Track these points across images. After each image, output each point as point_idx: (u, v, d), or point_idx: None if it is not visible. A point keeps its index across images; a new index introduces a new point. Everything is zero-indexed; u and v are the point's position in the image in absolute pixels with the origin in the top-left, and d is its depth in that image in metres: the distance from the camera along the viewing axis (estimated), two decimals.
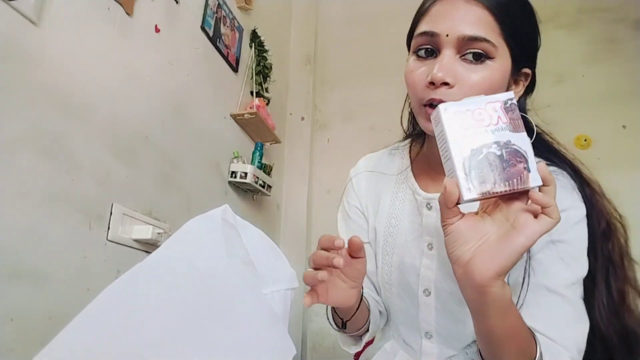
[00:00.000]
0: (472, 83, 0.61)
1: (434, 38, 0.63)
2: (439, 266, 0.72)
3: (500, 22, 0.62)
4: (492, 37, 0.61)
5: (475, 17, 0.61)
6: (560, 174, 0.69)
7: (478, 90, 0.61)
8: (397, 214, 0.78)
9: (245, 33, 1.94)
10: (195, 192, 1.52)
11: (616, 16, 2.16)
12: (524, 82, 0.70)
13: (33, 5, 0.92)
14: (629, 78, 2.04)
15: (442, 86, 0.62)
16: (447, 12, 0.63)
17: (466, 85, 0.62)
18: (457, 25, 0.62)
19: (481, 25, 0.61)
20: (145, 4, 1.30)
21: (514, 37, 0.63)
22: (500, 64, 0.63)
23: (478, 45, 0.61)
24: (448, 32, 0.62)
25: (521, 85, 0.70)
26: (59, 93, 1.00)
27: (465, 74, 0.62)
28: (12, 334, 0.86)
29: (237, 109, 1.83)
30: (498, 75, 0.63)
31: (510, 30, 0.63)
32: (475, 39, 0.61)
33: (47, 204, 0.96)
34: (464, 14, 0.62)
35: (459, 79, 0.62)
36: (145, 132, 1.29)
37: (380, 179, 0.83)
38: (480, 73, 0.62)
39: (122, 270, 1.15)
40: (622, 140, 1.99)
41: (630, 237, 0.71)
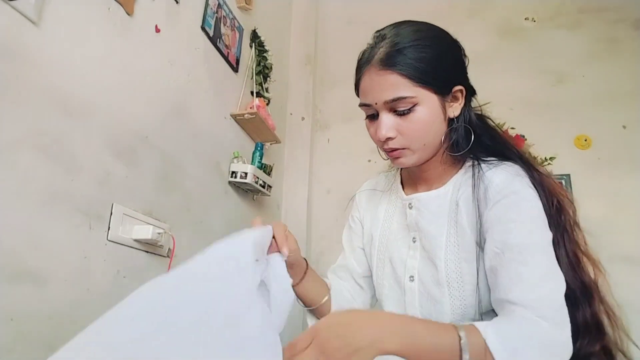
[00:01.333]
0: (409, 130, 0.76)
1: (369, 107, 0.79)
2: (421, 255, 0.84)
3: (410, 77, 0.74)
4: (408, 91, 0.74)
5: (389, 83, 0.74)
6: (509, 166, 0.80)
7: (416, 132, 0.76)
8: (390, 219, 0.93)
9: (246, 33, 1.94)
10: (195, 192, 1.52)
11: (616, 16, 2.16)
12: (462, 95, 0.81)
13: (33, 5, 0.92)
14: (629, 78, 2.04)
15: (388, 140, 0.78)
16: (369, 86, 0.78)
17: (405, 133, 0.77)
18: (379, 93, 0.76)
19: (397, 87, 0.74)
20: (146, 4, 1.30)
21: (428, 81, 0.75)
22: (427, 103, 0.76)
23: (400, 103, 0.74)
24: (375, 101, 0.77)
25: (460, 99, 0.81)
26: (59, 93, 1.00)
27: (401, 125, 0.76)
28: (12, 334, 0.86)
29: (237, 109, 1.83)
30: (428, 114, 0.76)
31: (422, 78, 0.74)
32: (395, 99, 0.74)
33: (47, 204, 0.96)
34: (380, 83, 0.75)
35: (398, 130, 0.77)
36: (145, 132, 1.29)
37: (378, 195, 0.99)
38: (413, 120, 0.75)
39: (122, 271, 1.15)
40: (622, 140, 1.99)
41: (632, 236, 0.80)
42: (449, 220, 0.81)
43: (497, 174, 0.78)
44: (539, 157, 2.02)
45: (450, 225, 0.81)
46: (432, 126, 0.77)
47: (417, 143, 0.78)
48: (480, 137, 0.83)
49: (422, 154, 0.79)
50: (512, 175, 0.77)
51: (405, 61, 0.74)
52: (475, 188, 0.78)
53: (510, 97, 2.15)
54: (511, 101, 2.15)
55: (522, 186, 0.76)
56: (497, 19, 2.32)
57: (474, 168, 0.81)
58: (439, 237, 0.81)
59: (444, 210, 0.82)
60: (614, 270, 2.11)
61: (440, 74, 0.76)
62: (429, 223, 0.83)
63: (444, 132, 0.80)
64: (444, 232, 0.81)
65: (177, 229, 1.38)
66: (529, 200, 0.75)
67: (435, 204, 0.83)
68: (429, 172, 0.86)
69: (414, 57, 0.74)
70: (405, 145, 0.78)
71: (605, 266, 0.75)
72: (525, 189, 0.76)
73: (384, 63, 0.75)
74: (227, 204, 1.75)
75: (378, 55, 0.76)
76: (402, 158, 0.80)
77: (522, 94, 2.16)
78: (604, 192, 1.93)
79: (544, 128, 2.06)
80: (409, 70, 0.74)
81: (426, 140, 0.78)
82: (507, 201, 0.74)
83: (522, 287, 0.67)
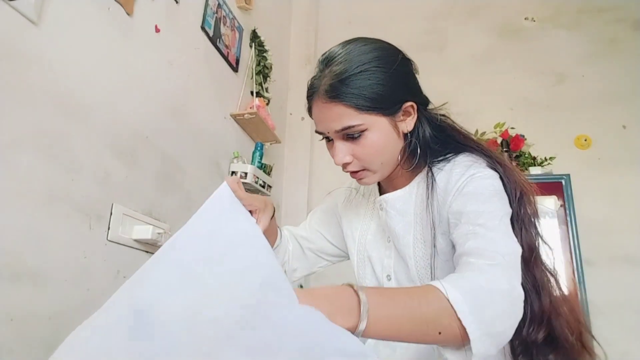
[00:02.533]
0: (363, 154, 0.77)
1: (323, 134, 0.80)
2: (395, 254, 0.86)
3: (355, 106, 0.74)
4: (355, 120, 0.74)
5: (335, 113, 0.75)
6: (457, 156, 0.81)
7: (370, 155, 0.77)
8: (368, 221, 0.95)
9: (246, 33, 1.94)
10: (195, 192, 1.52)
11: (616, 16, 2.16)
12: (414, 110, 0.80)
13: (33, 5, 0.92)
14: (629, 78, 2.04)
15: (345, 165, 0.79)
16: (318, 116, 0.78)
17: (360, 157, 0.77)
18: (327, 124, 0.77)
19: (342, 117, 0.74)
20: (145, 4, 1.30)
21: (373, 106, 0.74)
22: (377, 126, 0.76)
23: (350, 131, 0.75)
24: (327, 130, 0.78)
25: (412, 113, 0.80)
26: (59, 93, 1.00)
27: (355, 150, 0.77)
28: (12, 334, 0.86)
29: (237, 109, 1.83)
30: (380, 134, 0.76)
31: (369, 104, 0.74)
32: (344, 129, 0.75)
33: (47, 204, 0.96)
34: (326, 114, 0.76)
35: (353, 154, 0.78)
36: (145, 132, 1.29)
37: (359, 196, 1.00)
38: (365, 144, 0.76)
39: (122, 271, 1.15)
40: (622, 140, 1.99)
41: (632, 235, 0.78)
42: (414, 218, 0.82)
43: (452, 169, 0.78)
44: (538, 157, 2.02)
45: (416, 223, 0.82)
46: (386, 147, 0.78)
47: (374, 164, 0.79)
48: (436, 146, 0.83)
49: (382, 171, 0.81)
50: (466, 164, 0.78)
51: (349, 91, 0.73)
52: (428, 190, 0.80)
53: (510, 97, 2.16)
54: (511, 101, 2.15)
55: (478, 169, 0.76)
56: (497, 19, 2.32)
57: (428, 169, 0.82)
58: (407, 236, 0.82)
59: (409, 209, 0.83)
60: (614, 270, 2.13)
61: (387, 97, 0.76)
62: (396, 223, 0.84)
63: (400, 147, 0.81)
64: (410, 230, 0.82)
65: (177, 229, 1.37)
66: (487, 178, 0.75)
67: (400, 203, 0.85)
68: (395, 180, 0.87)
69: (358, 85, 0.74)
70: (364, 167, 0.79)
71: (605, 266, 0.75)
72: (482, 170, 0.76)
73: (328, 94, 0.74)
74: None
75: (323, 87, 0.76)
76: (364, 179, 0.81)
77: (522, 94, 2.16)
78: (604, 192, 1.93)
79: (544, 128, 2.07)
80: (352, 100, 0.73)
81: (383, 160, 0.79)
82: (459, 190, 0.75)
83: (476, 240, 0.67)
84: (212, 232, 0.65)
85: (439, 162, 0.82)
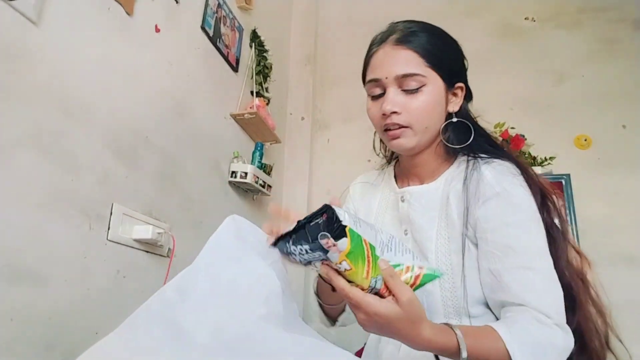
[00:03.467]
0: (415, 108, 0.79)
1: (378, 82, 0.81)
2: (412, 247, 0.82)
3: (424, 57, 0.79)
4: (420, 69, 0.78)
5: (404, 58, 0.79)
6: (503, 163, 0.82)
7: (421, 112, 0.79)
8: (382, 212, 0.94)
9: (246, 33, 1.94)
10: (195, 192, 1.52)
11: (616, 16, 2.16)
12: (461, 93, 0.86)
13: (33, 5, 0.92)
14: (629, 78, 2.04)
15: (392, 115, 0.79)
16: (382, 60, 0.81)
17: (411, 110, 0.79)
18: (392, 68, 0.79)
19: (409, 63, 0.79)
20: (145, 4, 1.30)
21: (438, 65, 0.80)
22: (434, 87, 0.80)
23: (411, 80, 0.78)
24: (387, 75, 0.79)
25: (459, 96, 0.86)
26: (59, 93, 1.00)
27: (407, 102, 0.79)
28: (12, 334, 0.86)
29: (237, 109, 1.83)
30: (434, 97, 0.80)
31: (434, 60, 0.79)
32: (407, 75, 0.78)
33: (47, 204, 0.96)
34: (394, 58, 0.80)
35: (404, 107, 0.79)
36: (145, 132, 1.29)
37: (371, 188, 1.00)
38: (419, 99, 0.79)
39: (122, 270, 1.15)
40: (622, 140, 1.98)
41: (632, 236, 0.80)
42: (439, 213, 0.82)
43: (490, 169, 0.79)
44: (538, 157, 2.02)
45: (441, 219, 0.82)
46: (435, 110, 0.80)
47: (420, 124, 0.80)
48: (477, 136, 0.85)
49: (421, 137, 0.81)
50: (504, 172, 0.79)
51: (420, 42, 0.79)
52: (466, 180, 0.80)
53: (510, 97, 2.15)
54: (511, 101, 2.15)
55: (513, 185, 0.77)
56: (497, 19, 2.32)
57: (469, 161, 0.83)
58: (430, 230, 0.82)
59: (435, 203, 0.83)
60: (614, 270, 2.12)
61: (448, 64, 0.81)
62: (420, 216, 0.84)
63: (442, 122, 0.83)
64: (434, 225, 0.82)
65: (177, 229, 1.38)
66: (524, 200, 0.76)
67: (426, 198, 0.85)
68: (422, 168, 0.88)
69: (427, 40, 0.80)
70: (409, 124, 0.80)
71: (605, 266, 0.76)
72: (517, 188, 0.77)
73: (399, 41, 0.79)
74: (227, 204, 1.75)
75: (394, 35, 0.81)
76: (402, 138, 0.81)
77: (522, 94, 2.16)
78: (604, 192, 1.93)
79: (544, 128, 2.06)
80: (422, 50, 0.79)
81: (428, 123, 0.80)
82: (500, 200, 0.76)
83: (533, 293, 0.69)
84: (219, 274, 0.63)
85: (479, 157, 0.83)
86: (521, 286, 0.70)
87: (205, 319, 0.53)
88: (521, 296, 0.70)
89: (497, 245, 0.74)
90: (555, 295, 0.71)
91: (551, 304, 0.69)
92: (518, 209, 0.75)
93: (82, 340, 0.96)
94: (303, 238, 0.59)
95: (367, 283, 0.58)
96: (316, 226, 0.59)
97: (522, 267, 0.71)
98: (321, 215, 0.59)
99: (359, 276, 0.57)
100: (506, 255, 0.72)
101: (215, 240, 0.66)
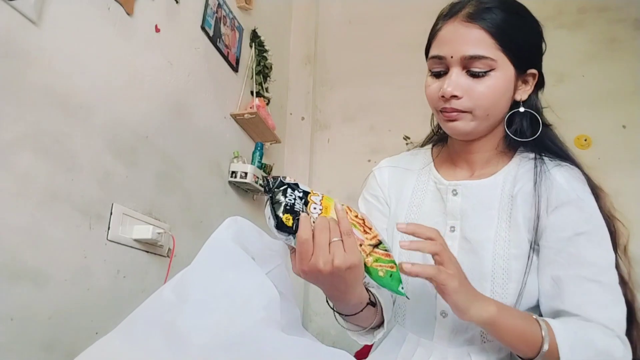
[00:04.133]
0: (479, 93, 0.72)
1: (442, 60, 0.74)
2: (460, 245, 0.77)
3: (496, 38, 0.71)
4: (490, 52, 0.71)
5: (474, 38, 0.71)
6: (572, 168, 0.78)
7: (485, 98, 0.71)
8: (418, 202, 0.85)
9: (246, 33, 1.94)
10: (195, 192, 1.52)
11: (616, 16, 2.16)
12: (533, 80, 0.78)
13: (33, 5, 0.92)
14: (629, 78, 2.04)
15: (452, 98, 0.72)
16: (450, 37, 0.73)
17: (473, 96, 0.72)
18: (459, 47, 0.72)
19: (479, 44, 0.71)
20: (146, 4, 1.30)
21: (511, 48, 0.72)
22: (503, 73, 0.72)
23: (479, 62, 0.71)
24: (452, 54, 0.72)
25: (530, 84, 0.78)
26: (59, 93, 1.00)
27: (471, 86, 0.72)
28: (12, 334, 0.86)
29: (237, 109, 1.83)
30: (502, 83, 0.72)
31: (506, 43, 0.71)
32: (475, 57, 0.71)
33: (47, 204, 0.96)
34: (464, 37, 0.72)
35: (467, 91, 0.72)
36: (145, 132, 1.29)
37: (402, 173, 0.91)
38: (485, 84, 0.71)
39: (122, 270, 1.15)
40: (622, 140, 1.98)
41: (632, 236, 0.79)
42: (499, 213, 0.76)
43: (562, 173, 0.75)
44: None
45: (502, 219, 0.76)
46: (501, 97, 0.73)
47: (482, 110, 0.73)
48: (544, 131, 0.79)
49: (481, 124, 0.74)
50: (576, 179, 0.74)
51: (494, 19, 0.71)
52: (537, 184, 0.74)
53: None
54: None
55: (585, 193, 0.73)
56: None
57: (537, 161, 0.76)
58: (488, 230, 0.75)
59: (494, 201, 0.77)
60: None
61: (522, 48, 0.73)
62: (477, 214, 0.77)
63: (506, 111, 0.76)
64: (493, 224, 0.76)
65: (177, 229, 1.38)
66: (595, 210, 0.72)
67: (485, 194, 0.78)
68: (477, 155, 0.81)
69: (503, 18, 0.71)
70: (469, 109, 0.73)
71: None
72: (588, 196, 0.73)
73: (472, 16, 0.71)
74: (227, 204, 1.75)
75: (466, 9, 0.72)
76: (459, 121, 0.74)
77: None
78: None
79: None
80: (496, 29, 0.71)
81: (491, 111, 0.73)
82: (572, 208, 0.72)
83: (597, 307, 0.67)
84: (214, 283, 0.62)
85: (547, 157, 0.77)
86: (584, 298, 0.67)
87: (203, 322, 0.53)
88: (583, 308, 0.67)
89: (565, 253, 0.70)
90: (620, 310, 0.68)
91: (613, 318, 0.67)
92: (590, 219, 0.71)
93: (82, 340, 0.96)
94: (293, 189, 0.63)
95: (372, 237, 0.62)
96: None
97: (589, 279, 0.68)
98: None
99: None
100: (573, 264, 0.69)
101: (213, 243, 0.64)
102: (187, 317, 0.53)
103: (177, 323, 0.53)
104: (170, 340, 0.52)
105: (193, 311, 0.54)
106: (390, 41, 2.30)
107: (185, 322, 0.53)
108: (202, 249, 0.63)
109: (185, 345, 0.51)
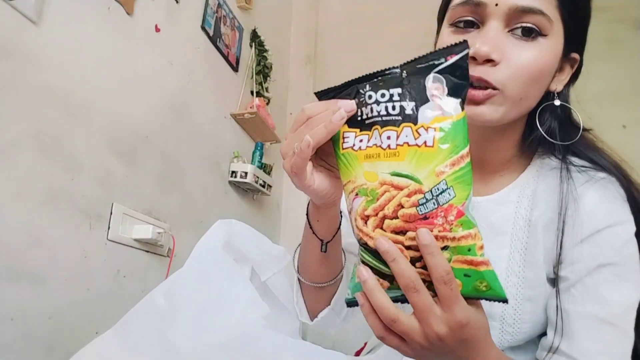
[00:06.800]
0: (522, 62, 0.54)
1: (478, 8, 0.55)
2: None
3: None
4: (549, 9, 0.54)
5: None
6: (609, 181, 0.61)
7: (527, 72, 0.54)
8: None
9: (246, 33, 1.94)
10: (195, 192, 1.52)
11: (616, 16, 2.15)
12: (570, 69, 0.63)
13: (33, 5, 0.92)
14: (629, 78, 2.04)
15: (485, 63, 0.53)
16: None
17: (514, 64, 0.54)
18: None
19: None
20: (145, 4, 1.30)
21: (571, 12, 0.56)
22: (553, 43, 0.56)
23: (531, 19, 0.53)
24: (497, 1, 0.53)
25: (566, 73, 0.63)
26: (59, 93, 1.00)
27: (514, 51, 0.53)
28: (12, 334, 0.86)
29: (237, 109, 1.83)
30: (550, 56, 0.56)
31: (569, 4, 0.56)
32: (529, 10, 0.53)
33: (47, 204, 0.96)
34: None
35: (507, 55, 0.53)
36: (145, 132, 1.29)
37: None
38: (532, 51, 0.54)
39: (122, 270, 1.15)
40: (622, 140, 1.98)
41: None
42: (512, 241, 0.61)
43: (593, 192, 0.59)
44: None
45: (515, 250, 0.61)
46: (544, 77, 0.57)
47: (517, 88, 0.54)
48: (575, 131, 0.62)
49: (509, 111, 0.56)
50: (610, 197, 0.59)
51: None
52: (561, 211, 0.58)
53: None
54: None
55: (620, 219, 0.58)
56: None
57: (562, 173, 0.60)
58: (499, 262, 0.60)
59: (507, 225, 0.62)
60: None
61: (582, 18, 0.59)
62: (485, 239, 0.54)
63: (537, 100, 0.59)
64: (504, 255, 0.61)
65: (177, 228, 1.38)
66: (630, 239, 0.57)
67: (496, 215, 0.62)
68: (492, 154, 0.63)
69: None
70: (502, 85, 0.53)
71: None
72: (624, 223, 0.57)
73: None
74: (227, 204, 1.75)
75: None
76: (486, 105, 0.54)
77: None
78: None
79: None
80: None
81: (527, 93, 0.56)
82: (601, 238, 0.57)
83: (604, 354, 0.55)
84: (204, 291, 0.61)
85: (574, 168, 0.61)
86: (596, 346, 0.55)
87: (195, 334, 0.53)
88: (586, 352, 0.55)
89: (580, 286, 0.57)
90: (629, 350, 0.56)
91: None
92: (620, 251, 0.56)
93: (82, 340, 0.96)
94: (398, 82, 0.45)
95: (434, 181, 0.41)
96: (429, 67, 0.43)
97: (603, 320, 0.55)
98: (445, 57, 0.43)
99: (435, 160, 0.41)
100: (587, 299, 0.56)
101: (202, 249, 0.62)
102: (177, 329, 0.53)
103: (168, 335, 0.53)
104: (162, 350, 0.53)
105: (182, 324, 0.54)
106: (390, 41, 2.30)
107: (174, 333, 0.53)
108: (192, 255, 0.62)
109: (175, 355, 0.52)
